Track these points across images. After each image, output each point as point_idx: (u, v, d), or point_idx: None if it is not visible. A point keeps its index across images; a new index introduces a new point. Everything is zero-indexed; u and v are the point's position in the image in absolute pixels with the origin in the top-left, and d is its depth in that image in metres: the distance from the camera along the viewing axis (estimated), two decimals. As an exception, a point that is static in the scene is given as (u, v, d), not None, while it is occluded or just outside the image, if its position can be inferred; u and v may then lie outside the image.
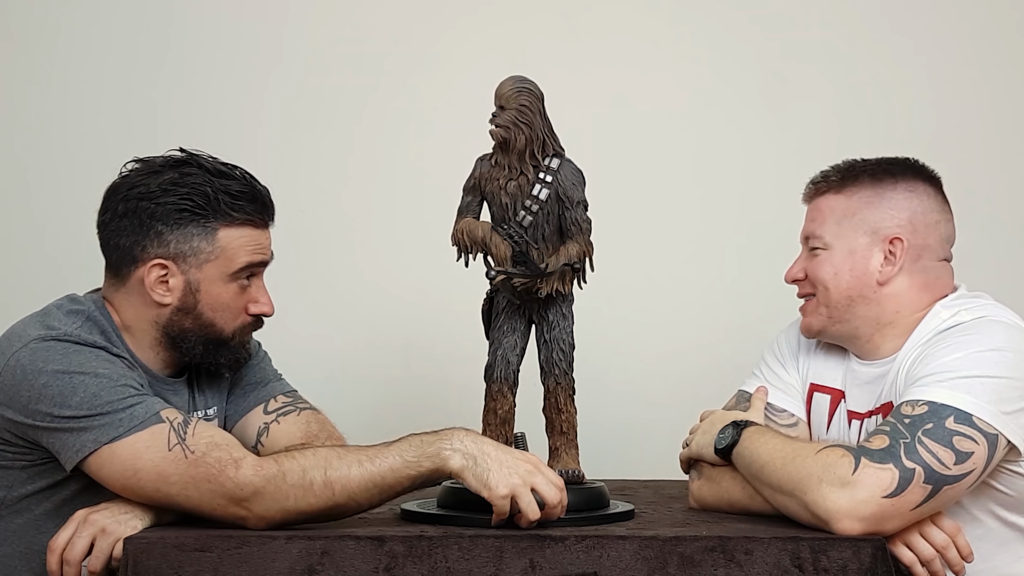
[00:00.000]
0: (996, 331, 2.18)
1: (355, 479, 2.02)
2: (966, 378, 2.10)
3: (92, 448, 2.05)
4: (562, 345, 2.23)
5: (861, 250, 2.29)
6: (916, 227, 2.29)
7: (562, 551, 1.96)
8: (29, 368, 2.09)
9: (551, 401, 2.24)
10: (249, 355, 2.33)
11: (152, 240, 2.20)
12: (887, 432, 2.06)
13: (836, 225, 2.31)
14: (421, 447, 2.03)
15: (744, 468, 2.17)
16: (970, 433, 2.05)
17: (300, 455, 2.05)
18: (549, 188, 2.18)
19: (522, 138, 2.16)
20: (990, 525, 2.22)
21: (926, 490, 2.02)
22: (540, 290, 2.17)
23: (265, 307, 2.28)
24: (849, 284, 2.29)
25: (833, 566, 1.95)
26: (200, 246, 2.20)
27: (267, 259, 2.28)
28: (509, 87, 2.16)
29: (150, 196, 2.20)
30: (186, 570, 1.94)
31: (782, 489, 2.08)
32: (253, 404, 2.37)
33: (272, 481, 2.01)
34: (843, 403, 2.37)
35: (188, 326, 2.23)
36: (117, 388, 2.08)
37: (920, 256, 2.30)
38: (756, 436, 2.18)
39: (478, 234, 2.18)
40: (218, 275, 2.22)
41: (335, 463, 2.02)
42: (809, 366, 2.42)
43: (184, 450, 2.03)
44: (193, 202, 2.19)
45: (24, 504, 2.19)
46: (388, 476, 2.02)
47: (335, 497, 2.02)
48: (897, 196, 2.30)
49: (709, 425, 2.29)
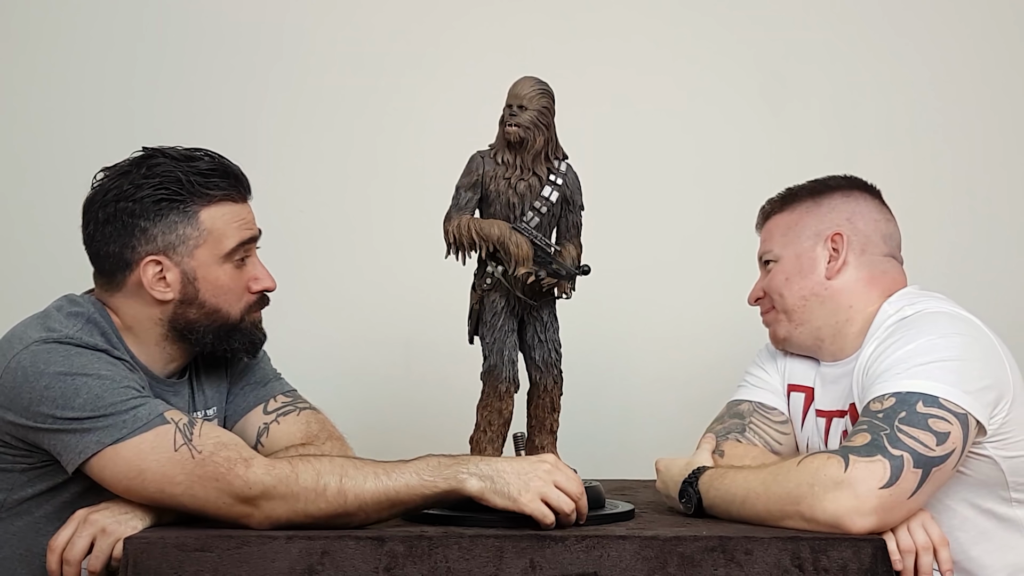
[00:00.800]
0: (941, 320, 2.26)
1: (369, 491, 2.02)
2: (923, 365, 2.16)
3: (95, 449, 2.05)
4: (556, 345, 2.23)
5: (806, 252, 2.40)
6: (855, 224, 2.40)
7: (562, 551, 1.96)
8: (31, 370, 2.09)
9: (545, 400, 2.23)
10: (265, 336, 2.32)
11: (139, 239, 2.20)
12: (866, 429, 2.10)
13: (782, 237, 2.44)
14: (439, 468, 2.03)
15: (724, 513, 2.16)
16: (941, 414, 2.10)
17: (316, 460, 2.05)
18: (559, 190, 2.19)
19: (541, 139, 2.17)
20: (966, 514, 2.26)
21: (917, 474, 2.05)
22: (565, 290, 2.18)
23: (266, 282, 2.27)
24: (800, 285, 2.40)
25: (833, 566, 1.96)
26: (186, 232, 2.20)
27: (256, 234, 2.28)
28: (529, 88, 2.16)
29: (126, 196, 2.20)
30: (186, 570, 1.94)
31: (774, 513, 2.08)
32: (253, 404, 2.37)
33: (284, 482, 2.01)
34: (814, 402, 2.43)
35: (194, 317, 2.23)
36: (120, 390, 2.08)
37: (864, 250, 2.39)
38: (716, 480, 2.18)
39: (493, 232, 2.17)
40: (211, 259, 2.21)
41: (351, 472, 2.03)
42: (786, 367, 2.50)
43: (191, 450, 2.03)
44: (168, 190, 2.19)
45: (24, 507, 2.19)
46: (403, 492, 2.02)
47: (346, 506, 2.02)
48: (834, 201, 2.42)
49: (665, 487, 2.29)
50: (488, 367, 2.21)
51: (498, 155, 2.19)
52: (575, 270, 2.19)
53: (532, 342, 2.23)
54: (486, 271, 2.20)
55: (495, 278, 2.19)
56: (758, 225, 2.52)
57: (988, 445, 2.20)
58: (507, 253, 2.17)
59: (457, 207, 2.20)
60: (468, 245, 2.18)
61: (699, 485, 2.19)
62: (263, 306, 2.30)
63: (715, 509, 2.17)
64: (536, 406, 2.24)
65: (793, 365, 2.48)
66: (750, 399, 2.48)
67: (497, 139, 2.20)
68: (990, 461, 2.22)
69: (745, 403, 2.48)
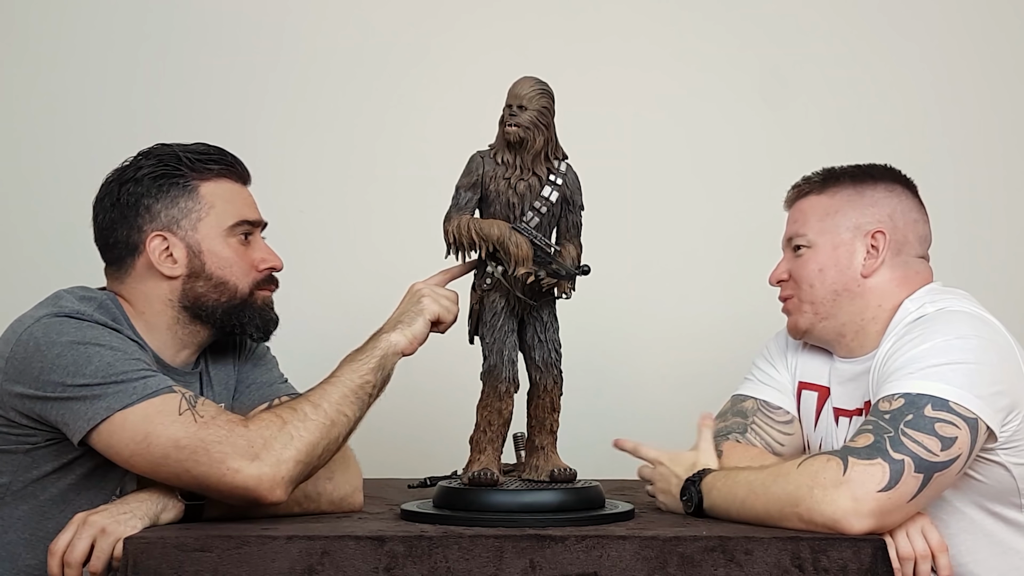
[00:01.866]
0: (959, 320, 2.22)
1: (335, 395, 2.13)
2: (936, 366, 2.13)
3: (104, 415, 2.07)
4: (556, 345, 2.23)
5: (844, 245, 2.35)
6: (896, 223, 2.35)
7: (562, 551, 1.96)
8: (43, 340, 2.11)
9: (545, 400, 2.23)
10: (276, 320, 2.35)
11: (144, 217, 2.26)
12: (870, 430, 2.08)
13: (819, 223, 2.37)
14: (362, 351, 2.20)
15: (724, 514, 2.15)
16: (950, 419, 2.08)
17: (281, 406, 2.15)
18: (559, 190, 2.19)
19: (540, 139, 2.17)
20: (974, 517, 2.25)
21: (918, 479, 2.04)
22: (565, 290, 2.18)
23: (273, 261, 2.33)
24: (834, 279, 2.35)
25: (833, 566, 1.96)
26: (188, 206, 2.26)
27: (260, 219, 2.34)
28: (529, 88, 2.16)
29: (127, 179, 2.27)
30: (186, 570, 1.94)
31: (772, 514, 2.07)
32: (258, 402, 2.37)
33: (275, 424, 2.08)
34: (829, 400, 2.41)
35: (202, 290, 2.27)
36: (131, 360, 2.11)
37: (901, 250, 2.35)
38: (719, 481, 2.17)
39: (493, 232, 2.17)
40: (215, 231, 2.27)
41: (313, 394, 2.14)
42: (797, 364, 2.46)
43: (195, 415, 2.07)
44: (167, 167, 2.27)
45: (29, 491, 2.19)
46: (356, 379, 2.16)
47: (329, 415, 2.11)
48: (877, 194, 2.37)
49: (664, 482, 2.27)
50: (488, 367, 2.21)
51: (498, 155, 2.19)
52: (575, 270, 2.19)
53: (532, 342, 2.23)
54: (486, 271, 2.20)
55: (495, 278, 2.19)
56: (790, 201, 2.45)
57: (1000, 452, 2.18)
58: (507, 253, 2.16)
59: (457, 207, 2.20)
60: (468, 245, 2.18)
61: (702, 486, 2.18)
62: (272, 285, 2.34)
63: (715, 510, 2.16)
64: (536, 406, 2.24)
65: (805, 361, 2.45)
66: (755, 396, 2.47)
67: (497, 139, 2.20)
68: (1002, 468, 2.20)
69: (750, 400, 2.47)
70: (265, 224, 2.36)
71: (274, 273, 2.34)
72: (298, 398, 2.17)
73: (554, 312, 2.24)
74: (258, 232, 2.34)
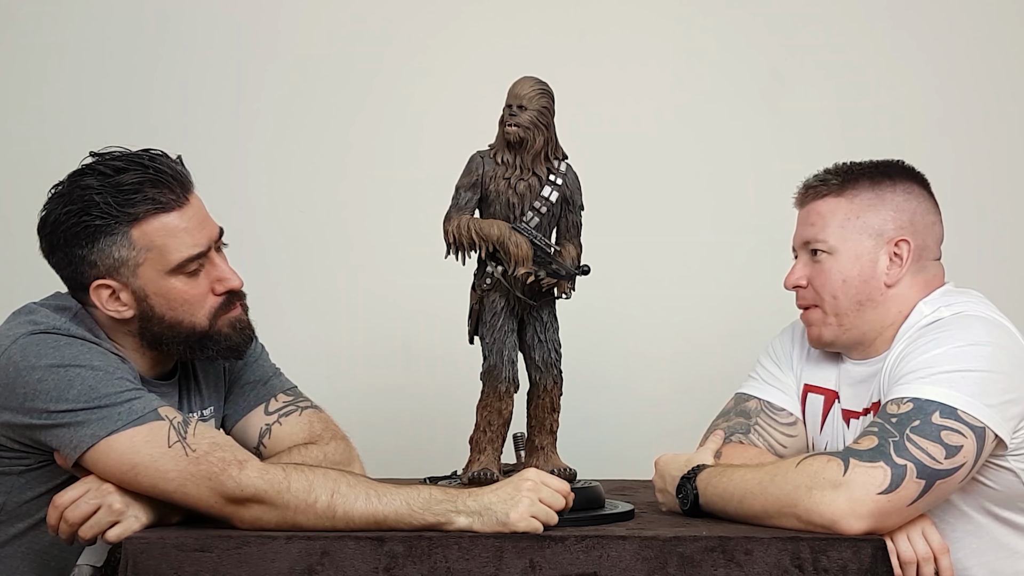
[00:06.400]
0: (975, 326, 2.20)
1: (359, 512, 2.00)
2: (948, 373, 2.11)
3: (90, 443, 2.03)
4: (555, 345, 2.23)
5: (867, 253, 2.31)
6: (917, 228, 2.32)
7: (562, 551, 1.96)
8: (22, 364, 2.07)
9: (545, 401, 2.23)
10: (249, 337, 2.25)
11: (82, 265, 2.15)
12: (875, 432, 2.07)
13: (840, 228, 2.32)
14: (429, 502, 2.00)
15: (721, 511, 2.14)
16: (957, 427, 2.07)
17: (310, 471, 2.03)
18: (559, 190, 2.19)
19: (540, 139, 2.17)
20: (981, 521, 2.24)
21: (920, 485, 2.03)
22: (565, 290, 2.17)
23: (230, 282, 2.20)
24: (858, 289, 2.31)
25: (833, 566, 1.96)
26: (123, 254, 2.14)
27: (208, 243, 2.17)
28: (529, 88, 2.16)
29: (57, 226, 2.15)
30: (186, 570, 1.94)
31: (770, 512, 2.06)
32: (253, 404, 2.36)
33: (275, 487, 2.00)
34: (837, 403, 2.39)
35: (158, 331, 2.18)
36: (114, 381, 2.06)
37: (920, 256, 2.32)
38: (714, 477, 2.16)
39: (493, 232, 2.17)
40: (157, 274, 2.15)
41: (343, 490, 2.01)
42: (803, 366, 2.44)
43: (185, 448, 2.02)
44: (89, 215, 2.12)
45: (24, 509, 2.19)
46: (391, 518, 2.00)
47: (334, 522, 2.00)
48: (897, 198, 2.33)
49: (662, 482, 2.27)
50: (488, 367, 2.20)
51: (498, 155, 2.19)
52: (575, 270, 2.19)
53: (532, 342, 2.23)
54: (486, 271, 2.20)
55: (495, 278, 2.19)
56: (802, 201, 2.38)
57: (1011, 459, 2.17)
58: (507, 253, 2.16)
59: (457, 207, 2.20)
60: (468, 245, 2.18)
61: (697, 482, 2.18)
62: (236, 302, 2.22)
63: (712, 507, 2.15)
64: (536, 406, 2.24)
65: (811, 365, 2.43)
66: (759, 396, 2.45)
67: (497, 139, 2.20)
68: (1012, 474, 2.19)
69: (753, 400, 2.45)
70: (221, 233, 2.22)
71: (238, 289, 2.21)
72: (327, 479, 2.02)
73: (554, 312, 2.24)
74: (211, 251, 2.19)
